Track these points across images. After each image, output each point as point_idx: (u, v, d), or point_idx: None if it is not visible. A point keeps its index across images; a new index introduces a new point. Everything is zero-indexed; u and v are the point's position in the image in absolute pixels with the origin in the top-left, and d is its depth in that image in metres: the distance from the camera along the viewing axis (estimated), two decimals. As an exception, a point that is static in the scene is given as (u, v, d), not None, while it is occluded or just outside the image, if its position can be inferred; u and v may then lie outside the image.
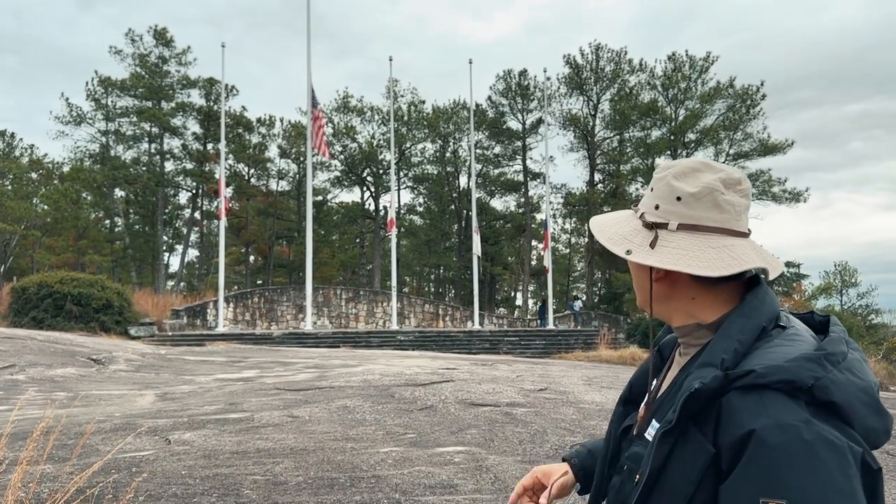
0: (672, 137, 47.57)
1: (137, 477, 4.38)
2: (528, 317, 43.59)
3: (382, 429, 6.42)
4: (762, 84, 46.47)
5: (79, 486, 4.12)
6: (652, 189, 1.22)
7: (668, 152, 48.02)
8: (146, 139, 49.21)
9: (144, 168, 48.16)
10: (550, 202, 43.21)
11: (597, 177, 51.91)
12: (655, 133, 48.81)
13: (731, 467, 1.00)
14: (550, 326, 34.54)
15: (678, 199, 1.16)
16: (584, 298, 47.42)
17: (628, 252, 1.19)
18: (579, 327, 35.84)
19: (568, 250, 62.96)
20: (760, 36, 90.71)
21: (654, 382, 1.32)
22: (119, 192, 49.66)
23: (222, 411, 7.49)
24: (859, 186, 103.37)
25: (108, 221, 50.78)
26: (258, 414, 7.20)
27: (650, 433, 1.18)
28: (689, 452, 1.04)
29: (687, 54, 47.29)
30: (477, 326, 33.93)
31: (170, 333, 27.83)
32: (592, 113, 50.50)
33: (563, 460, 1.49)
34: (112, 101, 47.57)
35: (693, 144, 48.03)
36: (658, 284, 1.24)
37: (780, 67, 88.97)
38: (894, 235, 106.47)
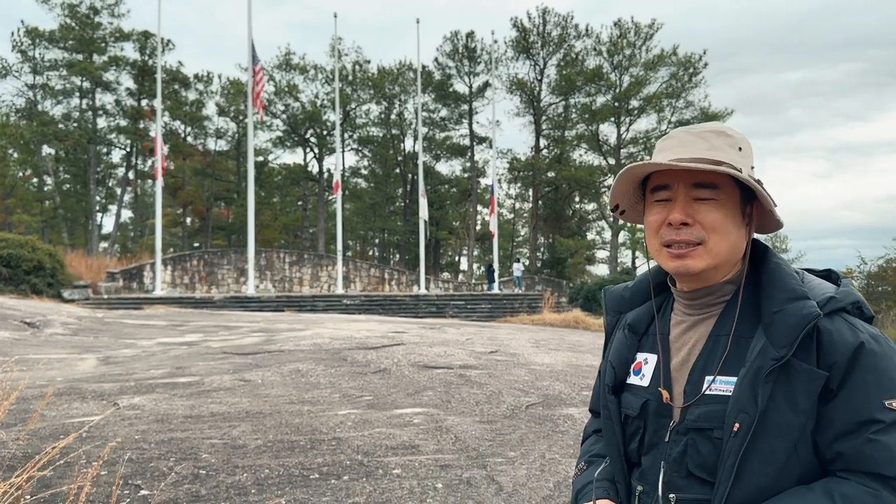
0: (616, 104, 48.07)
1: (88, 443, 4.24)
2: (473, 281, 43.90)
3: (338, 392, 6.37)
4: (704, 53, 47.34)
5: (26, 453, 3.95)
6: (740, 149, 1.26)
7: (612, 119, 48.55)
8: (77, 94, 46.98)
9: (75, 124, 46.05)
10: (496, 167, 43.28)
11: (542, 142, 52.17)
12: (600, 99, 49.22)
13: (843, 383, 1.11)
14: (496, 290, 34.88)
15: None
16: (526, 263, 47.91)
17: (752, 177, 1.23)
18: (520, 290, 36.26)
19: (512, 215, 63.43)
20: (702, 2, 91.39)
21: (654, 357, 1.30)
22: (48, 150, 47.49)
23: (170, 375, 7.31)
24: (796, 154, 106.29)
25: (36, 180, 48.61)
26: (208, 378, 7.05)
27: (719, 388, 1.18)
28: (798, 383, 1.12)
29: (632, 21, 47.69)
30: (423, 290, 34.00)
31: (105, 297, 27.00)
32: (539, 78, 50.54)
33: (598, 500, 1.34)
34: (40, 54, 45.18)
35: (636, 112, 48.68)
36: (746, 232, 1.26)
37: (724, 33, 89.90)
38: (826, 203, 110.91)
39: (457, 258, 64.63)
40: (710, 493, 1.16)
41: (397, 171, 56.39)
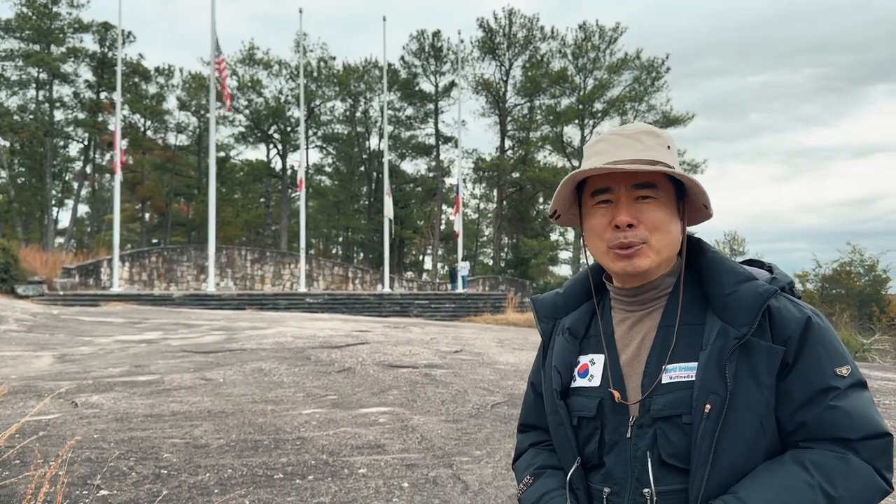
0: (580, 107, 48.51)
1: (45, 442, 4.13)
2: (438, 280, 43.87)
3: (302, 391, 6.31)
4: (667, 57, 48.02)
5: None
6: (668, 147, 1.29)
7: (577, 121, 48.99)
8: (33, 85, 45.72)
9: (31, 116, 44.81)
10: (461, 167, 43.35)
11: (507, 143, 52.41)
12: (565, 101, 49.60)
13: (797, 356, 1.17)
14: (460, 290, 34.92)
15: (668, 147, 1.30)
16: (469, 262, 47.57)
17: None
18: (465, 290, 36.22)
19: (476, 215, 63.57)
20: (669, 2, 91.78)
21: (601, 357, 1.29)
22: (2, 142, 46.13)
23: (129, 374, 7.17)
24: (755, 158, 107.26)
25: (-11, 172, 47.19)
26: (168, 376, 6.93)
27: (679, 375, 1.19)
28: (759, 360, 1.16)
29: (597, 24, 48.17)
30: (387, 289, 33.88)
31: (61, 293, 26.33)
32: (504, 78, 50.74)
33: None
34: (-6, 43, 43.82)
35: (600, 114, 49.18)
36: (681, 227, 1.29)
37: (688, 35, 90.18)
38: (783, 206, 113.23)
39: (421, 257, 64.52)
40: (684, 481, 1.16)
41: (362, 169, 56.05)
